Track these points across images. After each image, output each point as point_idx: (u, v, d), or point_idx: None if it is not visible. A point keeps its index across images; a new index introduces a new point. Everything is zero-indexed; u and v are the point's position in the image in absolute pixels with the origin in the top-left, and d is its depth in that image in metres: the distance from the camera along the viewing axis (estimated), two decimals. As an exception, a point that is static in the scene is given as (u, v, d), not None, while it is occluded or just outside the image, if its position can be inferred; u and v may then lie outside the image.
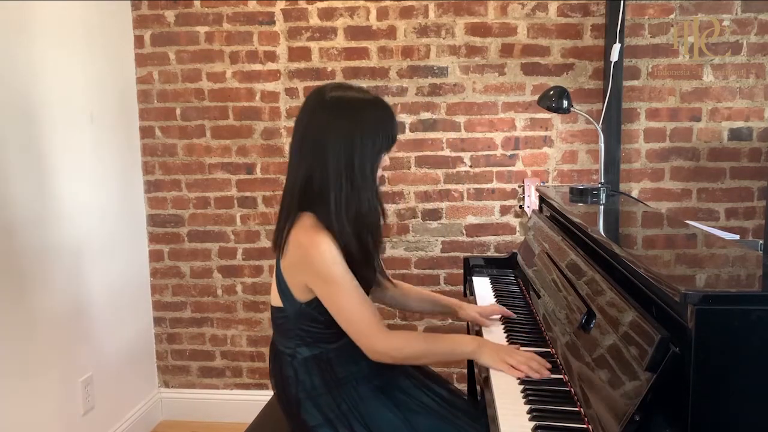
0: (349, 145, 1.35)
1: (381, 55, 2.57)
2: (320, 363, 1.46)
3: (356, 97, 1.41)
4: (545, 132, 2.55)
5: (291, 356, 1.47)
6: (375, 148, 1.38)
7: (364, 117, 1.38)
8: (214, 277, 2.77)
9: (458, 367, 2.68)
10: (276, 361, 1.53)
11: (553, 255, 1.69)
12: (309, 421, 1.45)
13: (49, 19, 2.11)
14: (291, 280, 1.43)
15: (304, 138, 1.40)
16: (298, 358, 1.46)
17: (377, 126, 1.39)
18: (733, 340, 0.90)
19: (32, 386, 2.02)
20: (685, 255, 1.33)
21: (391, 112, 1.42)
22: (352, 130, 1.36)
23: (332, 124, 1.36)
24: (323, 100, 1.40)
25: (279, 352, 1.51)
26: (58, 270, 2.16)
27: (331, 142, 1.35)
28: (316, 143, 1.37)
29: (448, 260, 2.65)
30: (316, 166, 1.36)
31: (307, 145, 1.39)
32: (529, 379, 1.33)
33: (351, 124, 1.36)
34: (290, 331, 1.47)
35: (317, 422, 1.44)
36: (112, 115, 2.52)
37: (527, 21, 2.50)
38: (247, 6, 2.60)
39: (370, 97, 1.42)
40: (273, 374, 1.55)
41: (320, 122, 1.38)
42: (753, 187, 2.50)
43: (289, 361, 1.48)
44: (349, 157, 1.35)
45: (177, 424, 2.81)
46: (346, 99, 1.40)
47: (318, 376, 1.46)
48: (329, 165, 1.35)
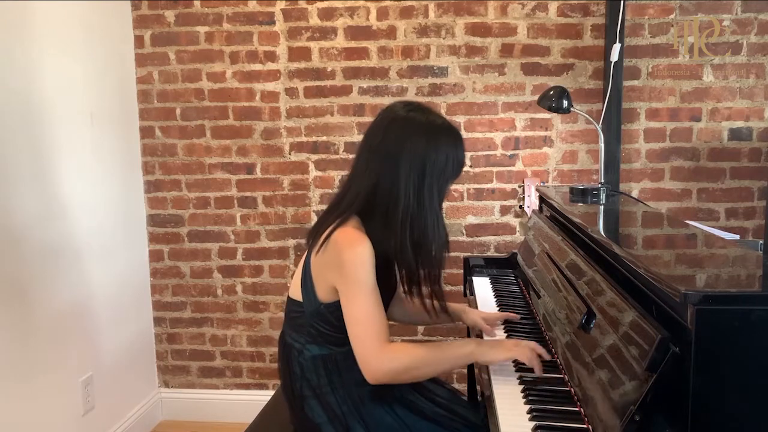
0: (422, 163, 1.37)
1: (381, 55, 2.57)
2: (327, 363, 1.46)
3: (434, 120, 1.43)
4: (545, 132, 2.55)
5: (299, 351, 1.48)
6: (445, 172, 1.40)
7: (439, 139, 1.39)
8: (214, 277, 2.77)
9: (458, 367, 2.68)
10: (284, 353, 1.53)
11: (553, 255, 1.69)
12: (313, 418, 1.46)
13: (49, 19, 2.11)
14: (318, 278, 1.42)
15: (377, 149, 1.40)
16: (306, 355, 1.47)
17: (450, 152, 1.40)
18: (733, 340, 0.90)
19: (32, 386, 2.02)
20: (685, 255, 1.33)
21: (462, 141, 1.44)
22: (428, 149, 1.37)
23: (409, 140, 1.37)
24: (401, 117, 1.41)
25: (287, 344, 1.51)
26: (58, 270, 2.16)
27: (405, 156, 1.36)
28: (389, 155, 1.38)
29: (449, 260, 2.62)
30: (386, 177, 1.37)
31: (378, 156, 1.39)
32: (529, 378, 1.33)
33: (427, 144, 1.37)
34: (302, 327, 1.47)
35: (321, 420, 1.45)
36: (112, 115, 2.52)
37: (527, 21, 2.50)
38: (247, 6, 2.60)
39: (447, 123, 1.45)
40: (280, 367, 1.56)
41: (396, 136, 1.38)
42: (753, 187, 2.50)
43: (297, 356, 1.48)
44: (420, 174, 1.37)
45: (177, 424, 2.81)
46: (425, 120, 1.41)
47: (324, 376, 1.46)
48: (400, 178, 1.36)
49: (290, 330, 1.52)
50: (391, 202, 1.37)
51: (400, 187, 1.36)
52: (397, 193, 1.36)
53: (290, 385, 1.51)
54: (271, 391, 2.63)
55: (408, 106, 1.44)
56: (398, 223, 1.36)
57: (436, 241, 1.41)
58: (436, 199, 1.40)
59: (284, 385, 1.55)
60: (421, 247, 1.40)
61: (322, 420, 1.45)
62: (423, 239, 1.39)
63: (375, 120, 1.46)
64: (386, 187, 1.37)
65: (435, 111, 1.47)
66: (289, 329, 1.52)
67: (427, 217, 1.38)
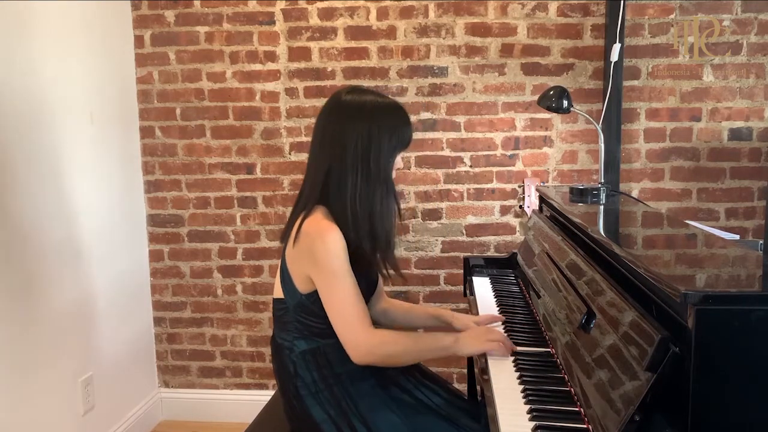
0: (366, 140, 1.43)
1: (381, 55, 2.57)
2: (317, 357, 1.48)
3: (373, 99, 1.49)
4: (545, 132, 2.55)
5: (289, 349, 1.50)
6: (390, 144, 1.45)
7: (380, 115, 1.45)
8: (214, 277, 2.77)
9: (458, 367, 2.68)
10: (276, 355, 1.55)
11: (553, 255, 1.69)
12: (313, 416, 1.46)
13: (49, 19, 2.11)
14: (294, 270, 1.47)
15: (324, 135, 1.47)
16: (296, 351, 1.49)
17: (392, 125, 1.46)
18: (733, 340, 0.90)
19: (32, 386, 2.02)
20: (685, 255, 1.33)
21: (405, 113, 1.50)
22: (369, 126, 1.43)
23: (350, 120, 1.44)
24: (341, 101, 1.48)
25: (278, 345, 1.53)
26: (58, 270, 2.16)
27: (349, 136, 1.43)
28: (335, 138, 1.44)
29: (448, 260, 2.65)
30: (335, 159, 1.44)
31: (326, 141, 1.46)
32: (528, 376, 1.33)
33: (368, 121, 1.44)
34: (289, 324, 1.50)
35: (321, 419, 1.46)
36: (112, 115, 2.52)
37: (527, 21, 2.50)
38: (247, 6, 2.60)
39: (387, 100, 1.50)
40: (275, 370, 1.59)
41: (339, 119, 1.45)
42: (753, 187, 2.50)
43: (288, 355, 1.50)
44: (365, 150, 1.43)
45: (177, 424, 2.81)
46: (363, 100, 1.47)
47: (316, 371, 1.48)
48: (347, 157, 1.42)
49: (279, 330, 1.54)
50: (342, 184, 1.43)
51: (348, 170, 1.42)
52: (346, 175, 1.43)
53: (286, 386, 1.52)
54: (271, 391, 2.64)
55: (347, 89, 1.51)
56: (349, 202, 1.42)
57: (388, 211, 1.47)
58: (384, 171, 1.45)
59: (281, 387, 1.56)
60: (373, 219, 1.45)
61: (322, 418, 1.45)
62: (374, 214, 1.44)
63: (321, 109, 1.51)
64: (337, 171, 1.43)
65: (375, 91, 1.54)
66: (277, 330, 1.55)
67: (376, 189, 1.44)
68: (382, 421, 1.44)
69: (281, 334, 1.53)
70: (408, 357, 1.50)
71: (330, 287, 1.41)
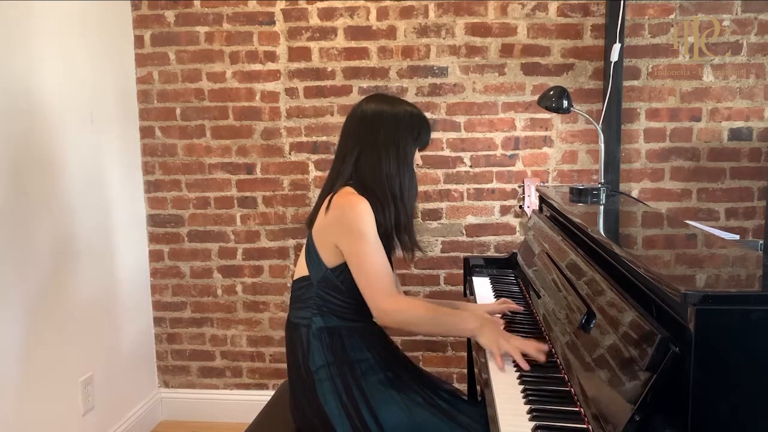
0: (394, 128, 1.59)
1: (381, 55, 2.57)
2: (332, 336, 1.53)
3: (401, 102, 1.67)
4: (545, 132, 2.55)
5: (306, 326, 1.55)
6: (412, 136, 1.61)
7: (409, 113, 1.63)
8: (214, 277, 2.77)
9: (458, 367, 2.68)
10: (290, 336, 1.59)
11: (553, 255, 1.69)
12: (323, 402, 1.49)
13: (49, 19, 2.11)
14: (321, 243, 1.55)
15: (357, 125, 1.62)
16: (313, 328, 1.54)
17: (417, 123, 1.63)
18: (733, 340, 0.90)
19: (32, 386, 2.02)
20: (685, 255, 1.33)
21: (428, 122, 1.67)
22: (399, 118, 1.60)
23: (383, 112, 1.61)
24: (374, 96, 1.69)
25: (294, 324, 1.58)
26: (58, 270, 2.16)
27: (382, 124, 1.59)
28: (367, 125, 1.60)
29: (448, 260, 2.65)
30: (367, 142, 1.58)
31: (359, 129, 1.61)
32: (528, 376, 1.33)
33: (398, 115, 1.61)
34: (309, 300, 1.55)
35: (330, 405, 1.49)
36: (112, 115, 2.52)
37: (527, 21, 2.50)
38: (247, 6, 2.60)
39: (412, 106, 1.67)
40: (288, 351, 1.62)
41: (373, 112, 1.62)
42: (753, 187, 2.50)
43: (304, 332, 1.54)
44: (395, 139, 1.59)
45: (177, 424, 2.81)
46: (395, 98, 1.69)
47: (329, 349, 1.52)
48: (379, 140, 1.58)
49: (296, 311, 1.59)
50: (374, 162, 1.57)
51: (381, 149, 1.57)
52: (380, 153, 1.57)
53: (299, 366, 1.54)
54: (271, 391, 2.63)
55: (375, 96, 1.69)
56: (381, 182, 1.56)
57: (412, 193, 1.62)
58: (410, 158, 1.61)
59: (291, 365, 1.59)
60: (400, 199, 1.59)
61: (331, 404, 1.48)
62: (401, 192, 1.59)
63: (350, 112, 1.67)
64: (368, 151, 1.58)
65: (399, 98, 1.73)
66: (294, 311, 1.60)
67: (403, 172, 1.59)
68: (388, 414, 1.46)
69: (298, 313, 1.58)
70: (431, 327, 1.56)
71: (359, 250, 1.49)
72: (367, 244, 1.49)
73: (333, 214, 1.51)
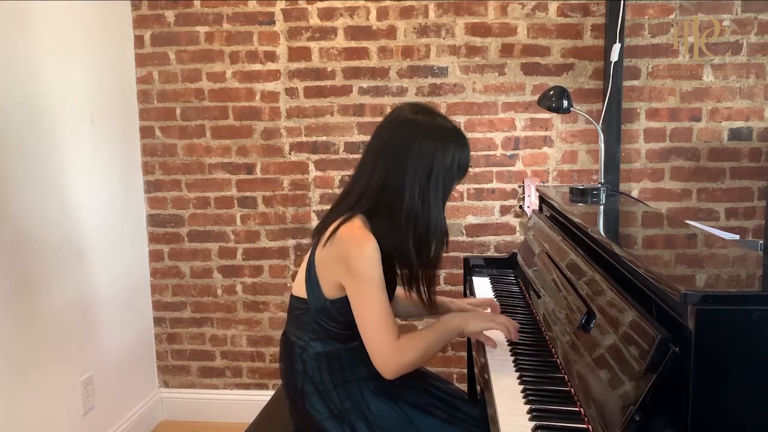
0: (429, 164, 1.42)
1: (381, 55, 2.57)
2: (330, 360, 1.48)
3: (442, 123, 1.48)
4: (545, 132, 2.55)
5: (302, 348, 1.50)
6: (451, 173, 1.45)
7: (447, 142, 1.44)
8: (214, 277, 2.77)
9: (458, 367, 2.68)
10: (287, 351, 1.54)
11: (553, 255, 1.69)
12: (314, 414, 1.47)
13: (49, 19, 2.11)
14: (323, 274, 1.45)
15: (385, 149, 1.45)
16: (310, 352, 1.49)
17: (456, 154, 1.45)
18: (733, 340, 0.90)
19: (32, 386, 2.02)
20: (685, 255, 1.33)
21: (467, 144, 1.50)
22: (436, 151, 1.42)
23: (417, 141, 1.42)
24: (410, 119, 1.46)
25: (291, 342, 1.53)
26: (58, 270, 2.16)
27: (414, 157, 1.42)
28: (397, 156, 1.43)
29: (448, 260, 2.65)
30: (394, 175, 1.42)
31: (386, 156, 1.44)
32: (528, 376, 1.33)
33: (435, 146, 1.42)
34: (306, 324, 1.49)
35: (323, 416, 1.46)
36: (112, 115, 2.52)
37: (527, 21, 2.50)
38: (247, 6, 2.60)
39: (454, 126, 1.49)
40: (282, 365, 1.58)
41: (405, 137, 1.43)
42: (753, 187, 2.50)
43: (300, 354, 1.50)
44: (427, 175, 1.42)
45: (177, 424, 2.81)
46: (433, 122, 1.46)
47: (326, 372, 1.48)
48: (407, 178, 1.41)
49: (293, 328, 1.53)
50: (396, 201, 1.42)
51: (406, 186, 1.41)
52: (403, 192, 1.41)
53: (292, 383, 1.52)
54: (271, 391, 2.63)
55: (416, 108, 1.49)
56: (403, 220, 1.42)
57: (437, 238, 1.47)
58: (441, 198, 1.45)
59: (286, 383, 1.56)
60: (422, 243, 1.45)
61: (324, 417, 1.46)
62: (425, 236, 1.44)
63: (383, 121, 1.50)
64: (393, 185, 1.42)
65: (441, 114, 1.53)
66: (292, 327, 1.54)
67: (430, 216, 1.44)
68: (385, 420, 1.45)
69: (296, 332, 1.52)
70: (431, 353, 1.50)
71: (364, 296, 1.39)
72: (370, 290, 1.38)
73: (337, 248, 1.40)
